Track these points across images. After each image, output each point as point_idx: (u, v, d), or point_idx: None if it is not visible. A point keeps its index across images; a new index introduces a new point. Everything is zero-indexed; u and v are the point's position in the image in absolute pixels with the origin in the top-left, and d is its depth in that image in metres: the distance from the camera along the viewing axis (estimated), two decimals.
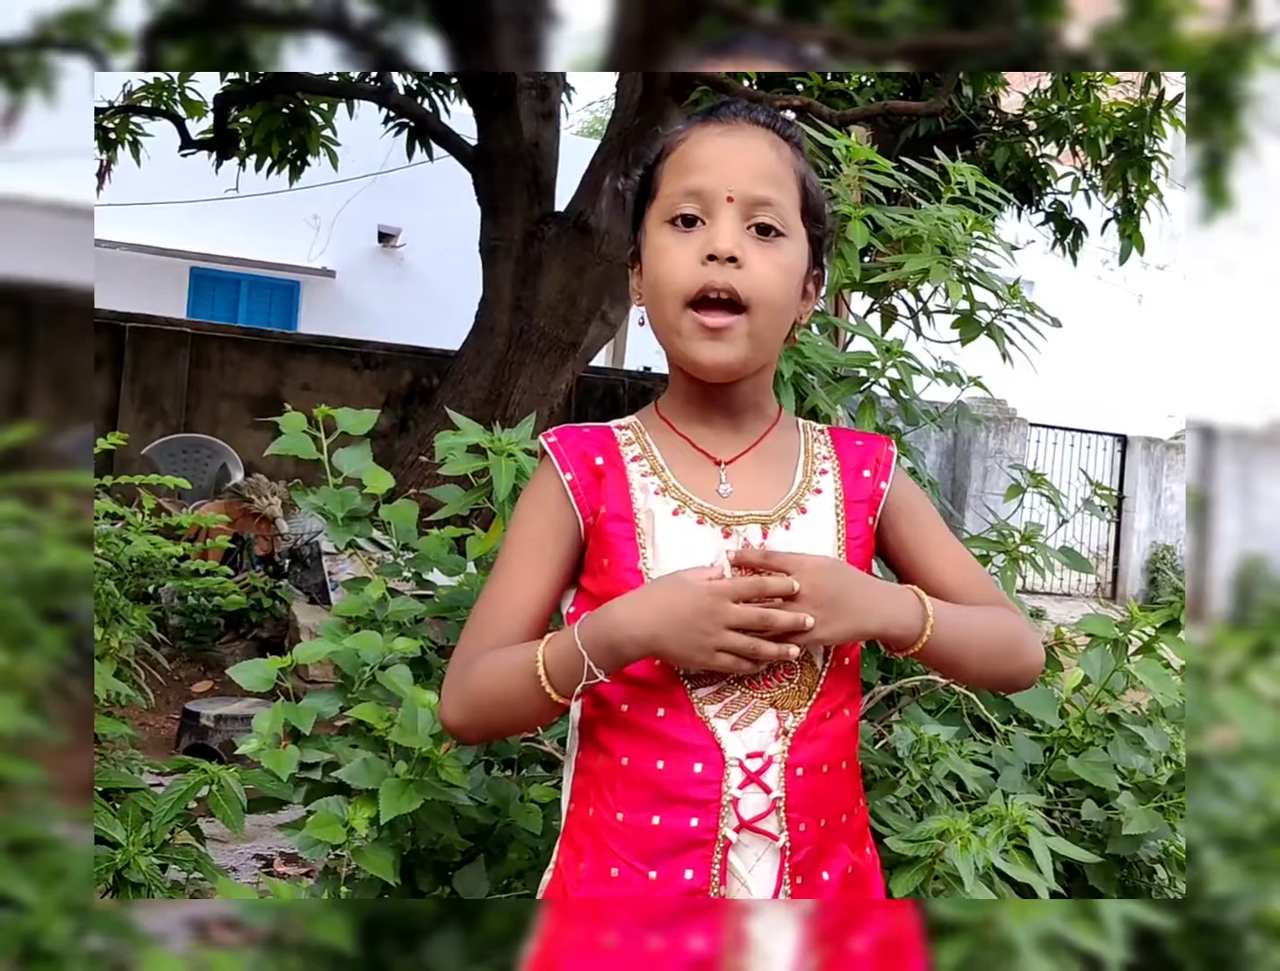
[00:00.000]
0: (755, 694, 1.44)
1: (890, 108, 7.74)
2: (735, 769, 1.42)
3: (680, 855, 1.42)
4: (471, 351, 8.89)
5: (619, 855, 1.44)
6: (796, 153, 1.55)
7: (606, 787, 1.46)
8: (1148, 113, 8.38)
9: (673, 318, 1.48)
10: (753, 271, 1.45)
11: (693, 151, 1.51)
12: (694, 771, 1.42)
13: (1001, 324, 2.64)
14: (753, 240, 1.47)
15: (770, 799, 1.42)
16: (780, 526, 1.49)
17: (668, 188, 1.51)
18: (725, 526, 1.48)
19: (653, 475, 1.51)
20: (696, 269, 1.45)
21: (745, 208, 1.47)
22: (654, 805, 1.43)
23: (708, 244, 1.45)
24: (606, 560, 1.48)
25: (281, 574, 8.00)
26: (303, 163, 9.63)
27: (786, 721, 1.44)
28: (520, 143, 8.73)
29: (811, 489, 1.54)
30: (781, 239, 1.49)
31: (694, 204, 1.48)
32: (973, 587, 1.58)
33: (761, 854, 1.43)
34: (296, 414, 2.35)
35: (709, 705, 1.43)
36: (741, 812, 1.42)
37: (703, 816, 1.42)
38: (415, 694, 2.04)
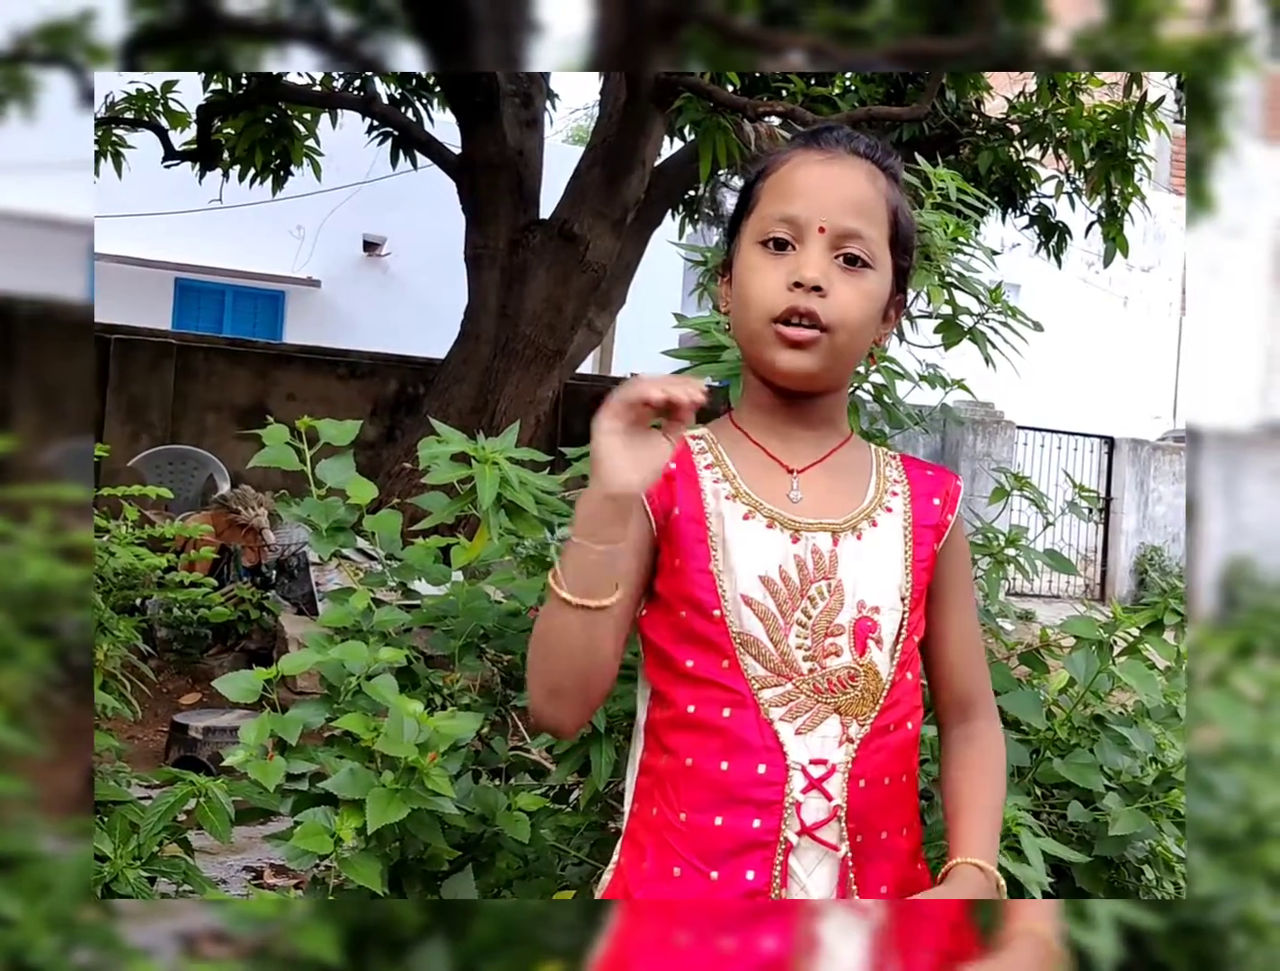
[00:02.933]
0: (820, 699, 1.47)
1: (874, 113, 7.76)
2: (798, 773, 1.45)
3: (742, 856, 1.44)
4: (457, 360, 8.90)
5: (681, 855, 1.46)
6: (892, 184, 1.58)
7: (670, 788, 1.48)
8: (1130, 116, 8.41)
9: (757, 329, 1.52)
10: (837, 299, 1.50)
11: (791, 176, 1.54)
12: (757, 772, 1.44)
13: (984, 328, 2.64)
14: (839, 270, 1.51)
15: (831, 806, 1.45)
16: (851, 536, 1.53)
17: (764, 208, 1.55)
18: (795, 532, 1.51)
19: (724, 482, 1.54)
20: (783, 293, 1.49)
21: (835, 238, 1.51)
22: (717, 806, 1.45)
23: (795, 271, 1.49)
24: (678, 560, 1.50)
25: (269, 585, 7.98)
26: (286, 173, 9.63)
27: (850, 728, 1.47)
28: (504, 150, 8.74)
29: (883, 506, 1.57)
30: (867, 270, 1.52)
31: (787, 229, 1.51)
32: (968, 671, 1.63)
33: (821, 859, 1.45)
34: (279, 426, 2.35)
35: (775, 708, 1.46)
36: (804, 818, 1.44)
37: (765, 818, 1.44)
38: (401, 703, 2.04)
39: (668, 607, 1.50)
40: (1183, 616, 2.47)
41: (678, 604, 1.50)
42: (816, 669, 1.47)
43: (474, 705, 2.46)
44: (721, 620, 1.47)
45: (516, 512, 2.15)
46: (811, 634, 1.48)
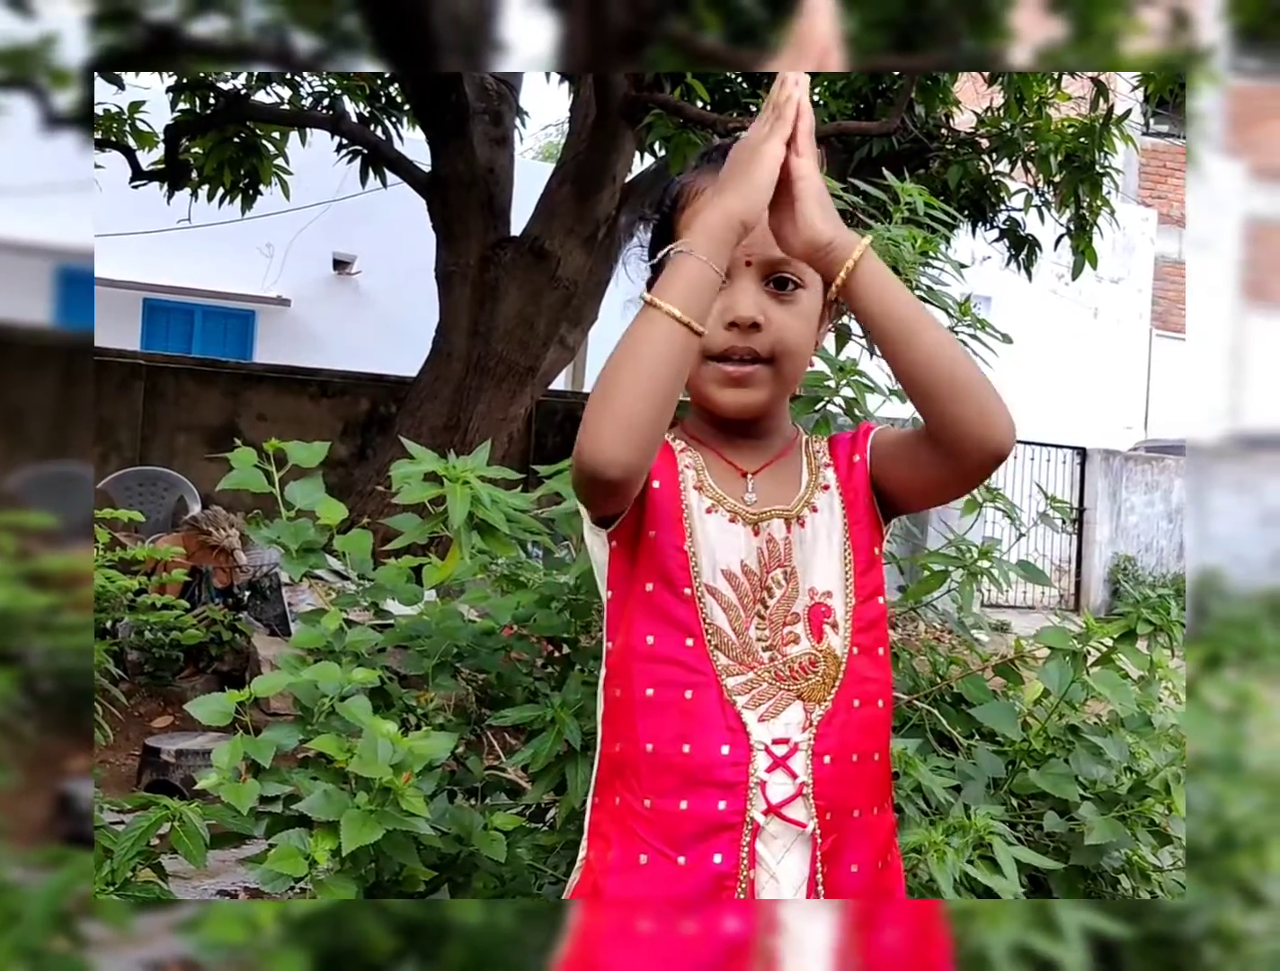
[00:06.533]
0: (782, 686, 1.48)
1: (843, 128, 7.78)
2: (761, 753, 1.45)
3: (708, 839, 1.44)
4: (429, 378, 8.87)
5: (647, 841, 1.45)
6: None
7: (632, 775, 1.48)
8: (1097, 129, 8.46)
9: (697, 368, 1.52)
10: (773, 330, 1.51)
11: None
12: (721, 753, 1.45)
13: None
14: (771, 297, 1.52)
15: (797, 783, 1.45)
16: (797, 524, 1.54)
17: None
18: (754, 524, 1.52)
19: (692, 471, 1.55)
20: (720, 333, 1.50)
21: (764, 268, 1.52)
22: (681, 789, 1.45)
23: (729, 310, 1.50)
24: (654, 531, 1.51)
25: (241, 606, 7.92)
26: (255, 192, 9.58)
27: (813, 713, 1.48)
28: (474, 168, 8.73)
29: (819, 485, 1.58)
30: (799, 290, 1.54)
31: None
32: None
33: (790, 844, 1.45)
34: (247, 449, 2.35)
35: (738, 695, 1.47)
36: (770, 797, 1.44)
37: (730, 799, 1.44)
38: (375, 724, 2.03)
39: (632, 577, 1.51)
40: (1155, 626, 2.49)
41: (645, 575, 1.50)
42: (777, 657, 1.49)
43: (448, 724, 2.45)
44: (692, 599, 1.48)
45: (488, 531, 2.15)
46: (770, 624, 1.50)
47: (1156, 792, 2.35)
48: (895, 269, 2.54)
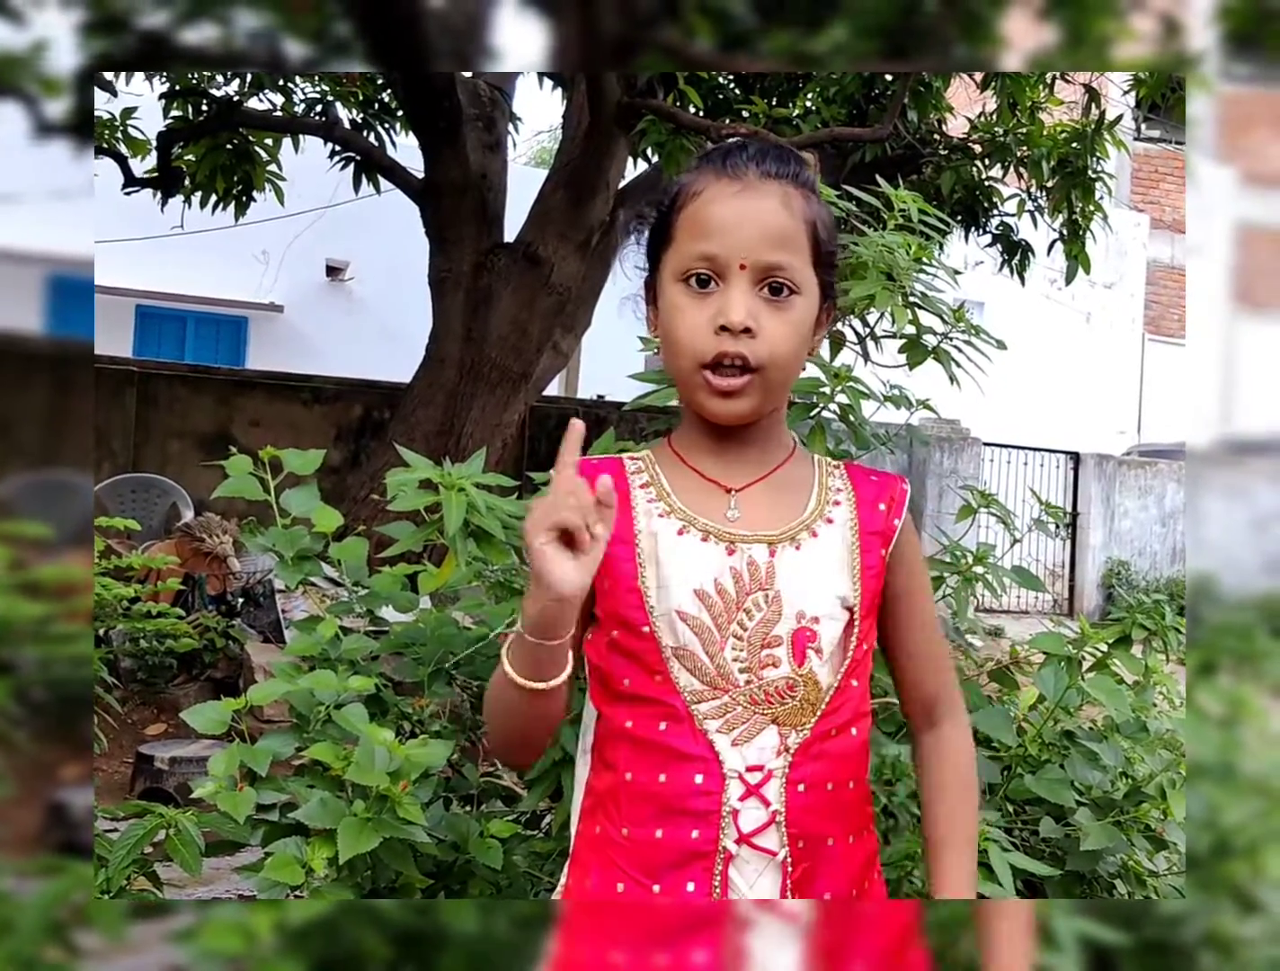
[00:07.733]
0: (757, 710, 1.47)
1: (836, 135, 7.78)
2: (735, 781, 1.45)
3: (682, 868, 1.44)
4: (422, 384, 8.87)
5: (624, 870, 1.46)
6: (807, 197, 1.55)
7: (612, 804, 1.49)
8: (1090, 134, 8.48)
9: (687, 375, 1.52)
10: (765, 337, 1.49)
11: (706, 212, 1.51)
12: (694, 782, 1.45)
13: (948, 347, 2.66)
14: (765, 303, 1.50)
15: (769, 812, 1.44)
16: (790, 546, 1.52)
17: (682, 245, 1.53)
18: (730, 544, 1.50)
19: (658, 501, 1.54)
20: (711, 337, 1.48)
21: (757, 272, 1.49)
22: (657, 818, 1.45)
23: (721, 314, 1.48)
24: (608, 582, 1.49)
25: (234, 613, 7.91)
26: (248, 198, 9.58)
27: (789, 738, 1.47)
28: (468, 174, 8.73)
29: (824, 517, 1.56)
30: (793, 297, 1.51)
31: (707, 266, 1.49)
32: (932, 674, 1.63)
33: (763, 870, 1.45)
34: (243, 456, 2.35)
35: (710, 720, 1.46)
36: (741, 825, 1.44)
37: (703, 828, 1.44)
38: (371, 732, 2.03)
39: (603, 629, 1.51)
40: (1150, 631, 2.49)
41: (609, 623, 1.50)
42: (753, 680, 1.47)
43: (444, 732, 2.45)
44: (651, 636, 1.47)
45: (484, 538, 2.15)
46: (748, 646, 1.48)
47: (1152, 798, 2.35)
48: (889, 276, 2.55)
